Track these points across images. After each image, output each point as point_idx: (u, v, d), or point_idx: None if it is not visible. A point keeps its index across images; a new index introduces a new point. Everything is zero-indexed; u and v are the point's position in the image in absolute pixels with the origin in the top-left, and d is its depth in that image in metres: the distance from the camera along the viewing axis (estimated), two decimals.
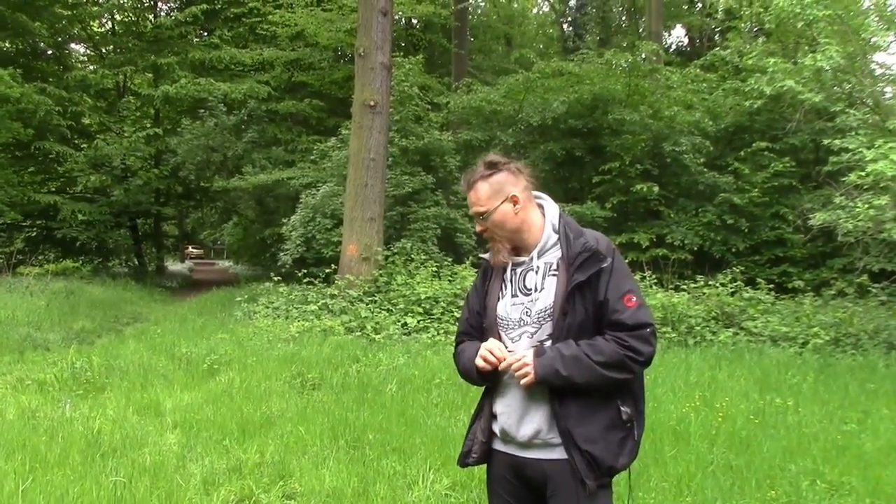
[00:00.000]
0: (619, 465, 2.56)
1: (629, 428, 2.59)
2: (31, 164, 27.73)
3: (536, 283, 2.63)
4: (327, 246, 16.04)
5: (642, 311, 2.55)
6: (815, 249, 16.78)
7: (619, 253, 2.63)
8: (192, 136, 24.27)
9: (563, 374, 2.47)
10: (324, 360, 9.31)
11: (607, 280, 2.54)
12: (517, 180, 2.70)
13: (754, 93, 14.78)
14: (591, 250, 2.55)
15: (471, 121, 21.09)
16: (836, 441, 6.23)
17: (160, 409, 7.23)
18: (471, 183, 2.72)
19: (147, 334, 12.51)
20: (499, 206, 2.65)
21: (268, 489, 5.03)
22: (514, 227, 2.67)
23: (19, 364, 9.76)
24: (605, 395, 2.56)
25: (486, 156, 2.79)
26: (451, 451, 5.65)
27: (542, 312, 2.59)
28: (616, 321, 2.52)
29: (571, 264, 2.56)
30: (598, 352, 2.49)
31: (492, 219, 2.66)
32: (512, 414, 2.66)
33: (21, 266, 24.71)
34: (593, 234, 2.65)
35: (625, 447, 2.57)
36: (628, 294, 2.54)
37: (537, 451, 2.62)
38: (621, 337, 2.50)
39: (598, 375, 2.48)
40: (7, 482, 4.60)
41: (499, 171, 2.69)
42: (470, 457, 2.81)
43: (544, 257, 2.65)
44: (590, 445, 2.51)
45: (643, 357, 2.52)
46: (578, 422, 2.53)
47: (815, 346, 10.87)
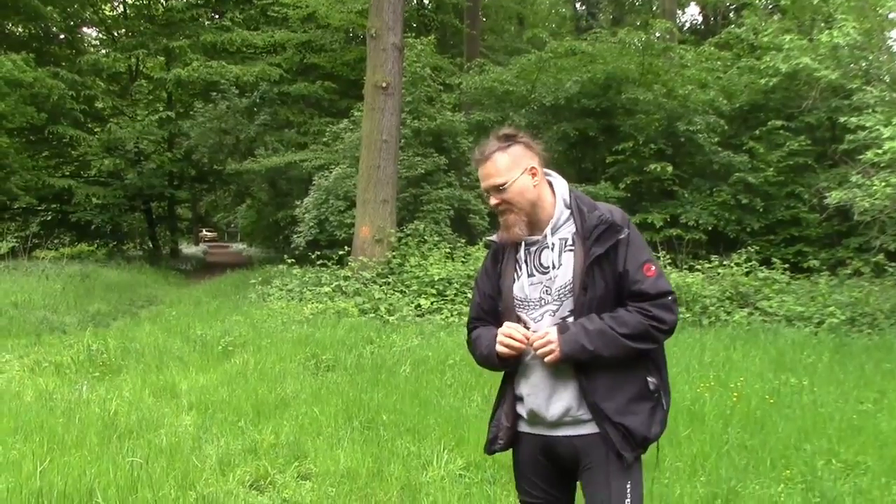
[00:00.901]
0: (653, 434, 2.55)
1: (657, 398, 2.58)
2: (45, 149, 27.83)
3: (553, 259, 2.59)
4: (340, 228, 16.05)
5: (662, 279, 2.54)
6: (830, 228, 16.65)
7: (632, 224, 2.60)
8: (205, 120, 24.28)
9: (589, 348, 2.45)
10: (338, 341, 9.34)
11: (625, 251, 2.51)
12: (532, 154, 2.66)
13: (770, 70, 14.64)
14: (608, 222, 2.52)
15: (483, 101, 20.99)
16: (852, 421, 6.20)
17: (176, 390, 7.27)
18: (487, 154, 2.65)
19: (162, 317, 12.57)
20: (518, 177, 2.60)
21: (283, 470, 5.06)
22: (532, 199, 2.61)
23: (36, 347, 9.84)
24: (631, 367, 2.54)
25: (498, 129, 2.73)
26: (464, 431, 5.67)
27: (563, 289, 2.56)
28: (637, 291, 2.50)
29: (588, 237, 2.53)
30: (623, 323, 2.47)
31: (511, 190, 2.60)
32: (539, 394, 2.62)
33: (37, 250, 24.92)
34: (606, 206, 2.63)
35: (655, 417, 2.56)
36: (647, 263, 2.53)
37: (568, 429, 2.59)
38: (644, 307, 2.49)
39: (624, 347, 2.46)
40: (25, 463, 4.65)
41: (515, 144, 2.65)
42: (497, 443, 2.78)
43: (558, 233, 2.61)
44: (622, 417, 2.49)
45: (667, 325, 2.51)
46: (607, 396, 2.51)
47: (830, 326, 10.81)
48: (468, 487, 4.79)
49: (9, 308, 12.23)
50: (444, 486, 4.74)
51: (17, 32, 27.91)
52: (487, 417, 5.99)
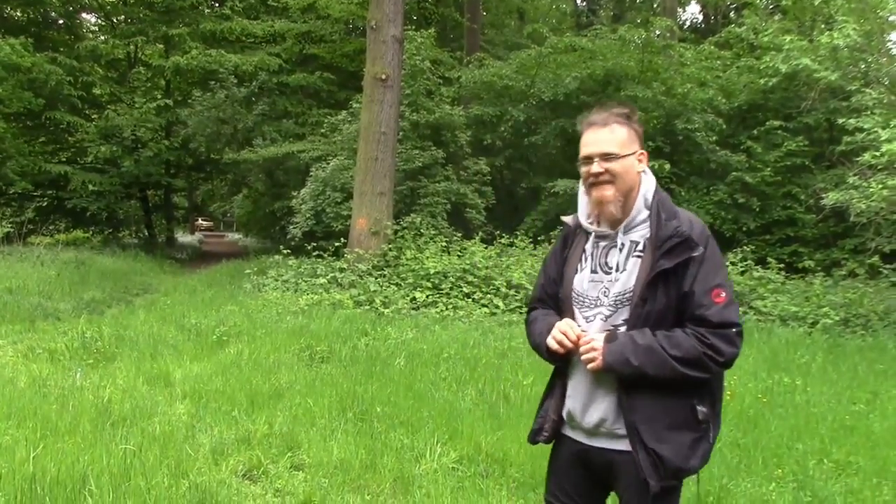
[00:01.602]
0: (689, 467, 2.38)
1: (704, 429, 2.41)
2: (42, 134, 27.73)
3: (619, 261, 2.46)
4: (337, 219, 16.05)
5: (730, 308, 2.35)
6: (826, 229, 16.69)
7: (713, 242, 2.42)
8: (203, 108, 24.24)
9: (634, 363, 2.31)
10: (332, 333, 9.34)
11: (696, 271, 2.35)
12: (640, 141, 2.53)
13: (769, 70, 14.66)
14: (683, 236, 2.35)
15: (482, 96, 20.99)
16: (844, 421, 6.23)
17: (170, 379, 7.26)
18: (606, 120, 2.49)
19: (157, 305, 12.55)
20: (629, 155, 2.46)
21: (276, 460, 5.06)
22: (632, 184, 2.47)
23: (30, 333, 9.82)
24: (679, 391, 2.37)
25: (617, 104, 2.57)
26: (458, 425, 5.68)
27: (620, 296, 2.42)
28: (700, 316, 2.33)
29: (658, 248, 2.37)
30: (675, 345, 2.31)
31: (622, 164, 2.45)
32: (578, 398, 2.54)
33: (32, 236, 24.83)
34: (688, 216, 2.44)
35: (697, 449, 2.39)
36: (717, 289, 2.35)
37: (603, 440, 2.49)
38: (703, 333, 2.32)
39: (672, 370, 2.30)
40: (19, 449, 4.64)
41: (634, 124, 2.52)
42: (541, 434, 2.67)
43: (630, 234, 2.47)
44: (657, 444, 2.34)
45: (724, 358, 2.34)
46: (646, 417, 2.37)
47: (824, 327, 10.85)
48: (461, 481, 4.80)
49: (3, 294, 12.20)
50: (436, 479, 4.75)
51: (15, 17, 27.78)
52: (480, 412, 6.05)
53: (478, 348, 8.76)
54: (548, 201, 18.38)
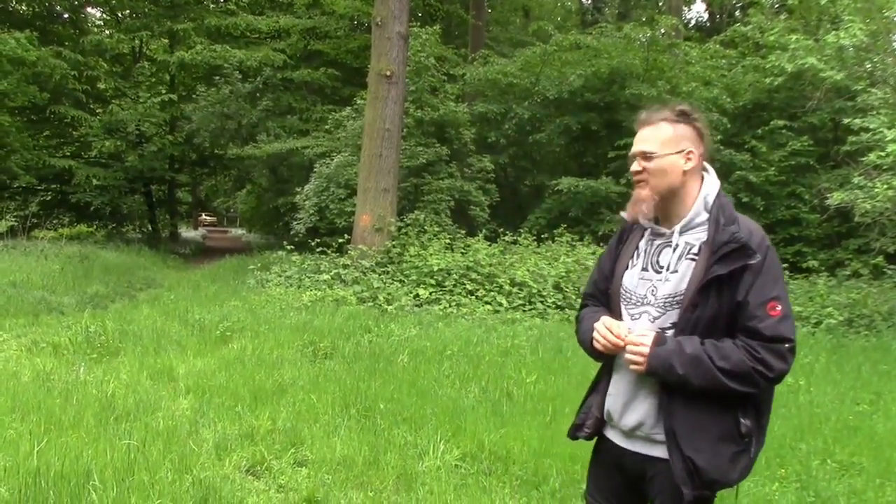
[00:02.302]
0: (726, 480, 2.32)
1: (747, 443, 2.33)
2: (47, 128, 27.76)
3: (671, 262, 2.40)
4: (340, 216, 16.05)
5: (785, 323, 2.26)
6: (830, 229, 16.67)
7: (773, 252, 2.33)
8: (207, 104, 24.24)
9: (679, 371, 2.26)
10: (336, 329, 9.34)
11: (752, 280, 2.26)
12: (699, 141, 2.46)
13: (775, 70, 14.61)
14: (740, 242, 2.26)
15: (486, 93, 20.99)
16: (848, 421, 6.23)
17: (173, 374, 7.27)
18: (654, 119, 2.47)
19: (160, 300, 12.57)
20: (671, 154, 2.41)
21: (279, 456, 5.06)
22: (672, 184, 2.41)
23: (34, 327, 9.83)
24: (724, 402, 2.31)
25: (678, 103, 2.54)
26: (461, 422, 5.69)
27: (670, 298, 2.36)
28: (752, 328, 2.25)
29: (714, 253, 2.29)
30: (724, 357, 2.24)
31: (657, 163, 2.41)
32: (618, 398, 2.50)
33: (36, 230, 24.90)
34: (748, 224, 2.36)
35: (737, 463, 2.32)
36: (773, 301, 2.25)
37: (639, 444, 2.45)
38: (754, 347, 2.24)
39: (718, 382, 2.24)
40: (23, 442, 4.65)
41: (689, 123, 2.45)
42: (582, 430, 2.65)
43: (686, 236, 2.40)
44: (694, 453, 2.29)
45: (774, 374, 2.25)
46: (687, 424, 2.31)
47: (828, 327, 10.83)
48: (464, 478, 4.80)
49: (7, 287, 12.21)
50: (440, 477, 4.75)
51: (20, 10, 27.80)
52: (484, 410, 6.05)
53: (481, 346, 8.76)
54: (552, 199, 18.37)
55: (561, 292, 12.59)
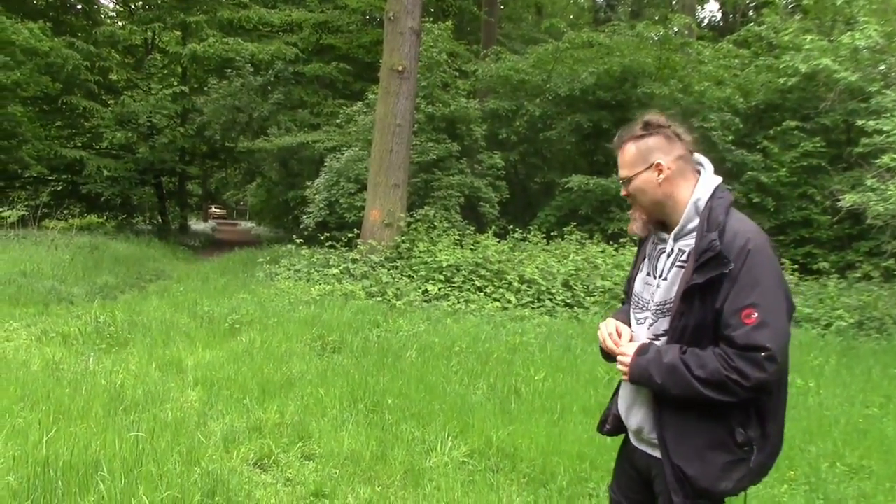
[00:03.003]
0: (719, 489, 2.29)
1: (745, 452, 2.29)
2: (59, 119, 27.83)
3: (664, 269, 2.42)
4: (350, 210, 16.06)
5: (761, 331, 2.18)
6: (841, 231, 16.59)
7: (757, 255, 2.24)
8: (219, 96, 24.29)
9: (657, 381, 2.28)
10: (344, 323, 9.34)
11: (728, 288, 2.22)
12: (670, 147, 2.42)
13: (789, 70, 14.54)
14: (715, 251, 2.23)
15: (498, 90, 20.94)
16: (858, 424, 6.20)
17: (182, 366, 7.28)
18: (620, 143, 2.50)
19: (170, 292, 12.59)
20: (640, 173, 2.41)
21: (287, 449, 5.07)
22: (654, 198, 2.42)
23: (44, 316, 9.86)
24: (716, 410, 2.28)
25: (645, 113, 2.52)
26: (469, 418, 5.68)
27: (661, 305, 2.39)
28: (726, 336, 2.22)
29: (696, 261, 2.27)
30: (702, 366, 2.22)
31: (633, 185, 2.44)
32: (624, 401, 2.57)
33: (46, 220, 24.95)
34: (734, 228, 2.29)
35: (731, 472, 2.29)
36: (748, 309, 2.20)
37: (644, 445, 2.51)
38: (729, 355, 2.20)
39: (695, 391, 2.22)
40: (32, 432, 4.66)
41: (652, 134, 2.43)
42: (605, 426, 2.73)
43: (680, 242, 2.39)
44: (683, 461, 2.30)
45: (750, 383, 2.18)
46: (677, 434, 2.32)
47: (838, 329, 10.78)
48: (471, 475, 4.80)
49: (17, 277, 12.25)
50: (447, 473, 4.75)
51: (34, 1, 27.87)
52: (492, 407, 6.06)
53: (489, 342, 8.75)
54: (562, 197, 18.33)
55: (570, 290, 12.56)
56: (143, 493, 3.69)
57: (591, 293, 12.49)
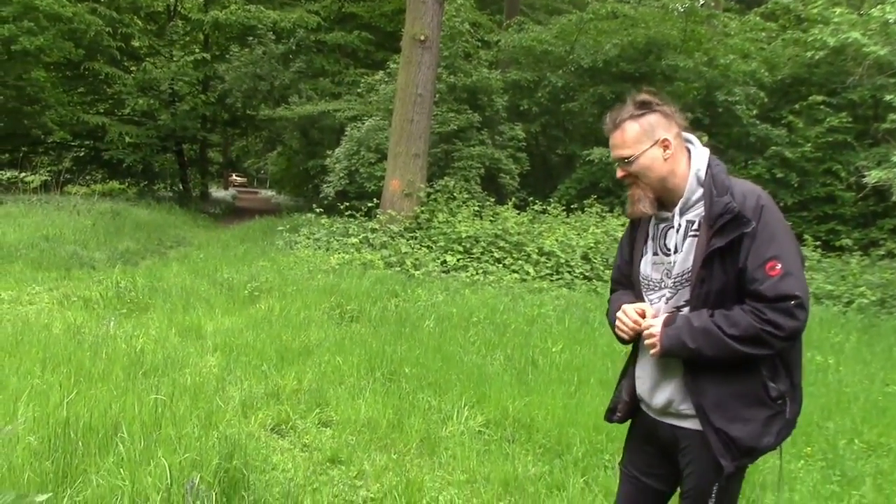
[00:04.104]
0: (763, 445, 2.33)
1: (780, 405, 2.34)
2: (81, 85, 27.94)
3: (676, 243, 2.42)
4: (370, 180, 16.04)
5: (788, 280, 2.24)
6: (865, 208, 16.41)
7: (770, 211, 2.34)
8: (241, 64, 24.25)
9: (691, 346, 2.29)
10: (363, 292, 9.36)
11: (749, 245, 2.27)
12: (669, 124, 2.44)
13: (816, 43, 14.30)
14: (733, 213, 2.28)
15: (520, 60, 20.76)
16: (877, 402, 6.16)
17: (201, 331, 7.34)
18: (618, 122, 2.47)
19: (190, 258, 12.66)
20: (647, 150, 2.41)
21: (304, 416, 5.10)
22: (661, 175, 2.42)
23: (66, 280, 9.95)
24: (747, 369, 2.32)
25: (636, 94, 2.52)
26: (486, 389, 5.69)
27: (680, 277, 2.40)
28: (754, 291, 2.26)
29: (711, 226, 2.31)
30: (733, 324, 2.26)
31: (638, 163, 2.42)
32: (646, 380, 2.55)
33: (68, 185, 25.15)
34: (742, 189, 2.36)
35: (771, 426, 2.33)
36: (772, 261, 2.25)
37: (671, 419, 2.48)
38: (760, 309, 2.24)
39: (731, 349, 2.26)
40: (53, 393, 4.71)
41: (651, 112, 2.44)
42: (615, 414, 2.73)
43: (687, 214, 2.41)
44: (726, 424, 2.31)
45: (784, 332, 2.24)
46: (713, 398, 2.34)
47: (859, 306, 10.69)
48: (487, 444, 4.82)
49: (40, 241, 12.37)
50: (463, 442, 4.77)
51: None
52: (509, 378, 6.06)
53: (507, 314, 8.74)
54: (582, 169, 18.21)
55: (589, 263, 12.52)
56: (162, 455, 3.72)
57: (610, 266, 12.42)
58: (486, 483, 4.23)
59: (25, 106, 23.88)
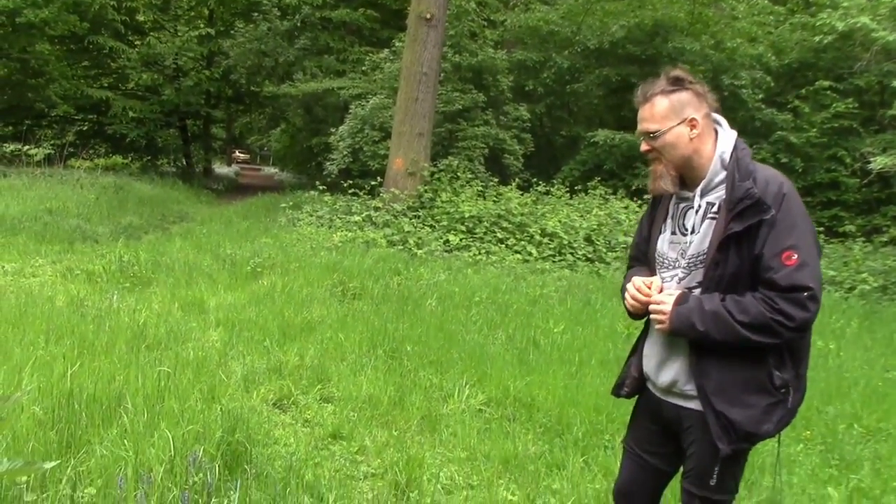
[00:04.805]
0: (762, 432, 2.34)
1: (783, 394, 2.34)
2: (85, 59, 27.80)
3: (694, 223, 2.42)
4: (374, 158, 16.02)
5: (803, 271, 2.23)
6: (869, 195, 16.38)
7: (791, 199, 2.30)
8: (245, 40, 24.13)
9: (700, 328, 2.30)
10: (365, 270, 9.38)
11: (767, 233, 2.26)
12: (700, 104, 2.43)
13: (825, 28, 14.23)
14: (754, 198, 2.26)
15: (526, 40, 20.65)
16: (877, 388, 6.18)
17: (204, 306, 7.36)
18: (648, 95, 2.45)
19: (193, 234, 12.67)
20: (674, 127, 2.40)
21: (306, 391, 5.13)
22: (685, 154, 2.42)
23: (69, 254, 9.97)
24: (753, 355, 2.33)
25: (670, 69, 2.49)
26: (487, 367, 5.71)
27: (695, 258, 2.40)
28: (768, 280, 2.26)
29: (731, 210, 2.30)
30: (743, 310, 2.26)
31: (663, 139, 2.41)
32: (652, 358, 2.57)
33: (72, 159, 25.11)
34: (765, 175, 2.34)
35: (772, 414, 2.33)
36: (788, 251, 2.24)
37: (675, 398, 2.50)
38: (772, 298, 2.24)
39: (739, 336, 2.26)
40: (57, 365, 4.73)
41: (683, 90, 2.42)
42: (622, 389, 2.73)
43: (708, 196, 2.41)
44: (727, 408, 2.33)
45: (794, 323, 2.23)
46: (716, 381, 2.35)
47: (861, 292, 10.71)
48: (488, 422, 4.84)
49: (43, 214, 12.39)
50: (463, 420, 4.79)
51: None
52: (510, 357, 6.08)
53: (509, 294, 8.76)
54: (587, 151, 18.18)
55: (591, 245, 12.53)
56: (165, 427, 3.74)
57: (613, 248, 12.46)
58: (487, 461, 4.26)
59: (29, 79, 23.79)
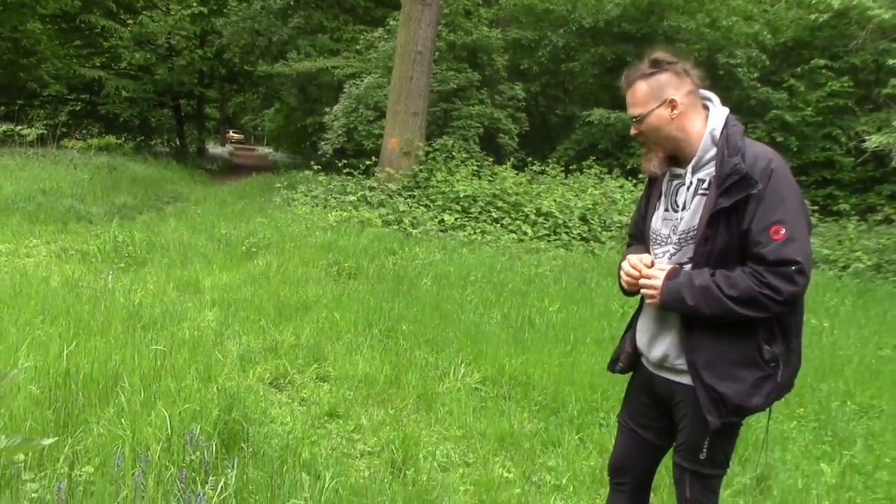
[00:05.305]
0: (751, 405, 2.35)
1: (772, 367, 2.35)
2: (77, 38, 27.62)
3: (686, 200, 2.44)
4: (368, 138, 15.97)
5: (791, 245, 2.25)
6: (864, 173, 16.41)
7: (780, 175, 2.31)
8: (238, 19, 23.98)
9: (689, 303, 2.33)
10: (360, 250, 9.37)
11: (755, 208, 2.27)
12: (680, 82, 2.45)
13: (820, 6, 14.22)
14: (741, 174, 2.28)
15: (521, 19, 20.56)
16: (870, 365, 6.22)
17: (199, 286, 7.36)
18: (630, 80, 2.48)
19: (187, 214, 12.64)
20: (654, 109, 2.43)
21: (302, 370, 5.14)
22: (669, 134, 2.44)
23: (63, 234, 9.93)
24: (743, 329, 2.35)
25: (651, 52, 2.51)
26: (483, 346, 5.73)
27: (685, 234, 2.42)
28: (756, 254, 2.28)
29: (720, 186, 2.32)
30: (733, 285, 2.29)
31: (646, 123, 2.44)
32: (645, 333, 2.60)
33: (65, 139, 24.99)
34: (754, 151, 2.35)
35: (761, 388, 2.35)
36: (776, 225, 2.26)
37: (666, 373, 2.52)
38: (760, 272, 2.26)
39: (728, 310, 2.28)
40: (52, 345, 4.73)
41: (662, 71, 2.45)
42: (617, 364, 2.77)
43: (699, 173, 2.42)
44: (716, 381, 2.35)
45: (782, 297, 2.25)
46: (706, 355, 2.38)
47: (855, 271, 10.75)
48: (483, 401, 4.86)
49: (37, 195, 12.34)
50: (459, 398, 4.81)
51: None
52: (505, 336, 6.10)
53: (504, 273, 8.78)
54: (582, 130, 18.15)
55: (586, 224, 12.53)
56: (162, 406, 3.75)
57: (608, 228, 12.47)
58: (482, 438, 4.28)
59: (21, 58, 23.64)
